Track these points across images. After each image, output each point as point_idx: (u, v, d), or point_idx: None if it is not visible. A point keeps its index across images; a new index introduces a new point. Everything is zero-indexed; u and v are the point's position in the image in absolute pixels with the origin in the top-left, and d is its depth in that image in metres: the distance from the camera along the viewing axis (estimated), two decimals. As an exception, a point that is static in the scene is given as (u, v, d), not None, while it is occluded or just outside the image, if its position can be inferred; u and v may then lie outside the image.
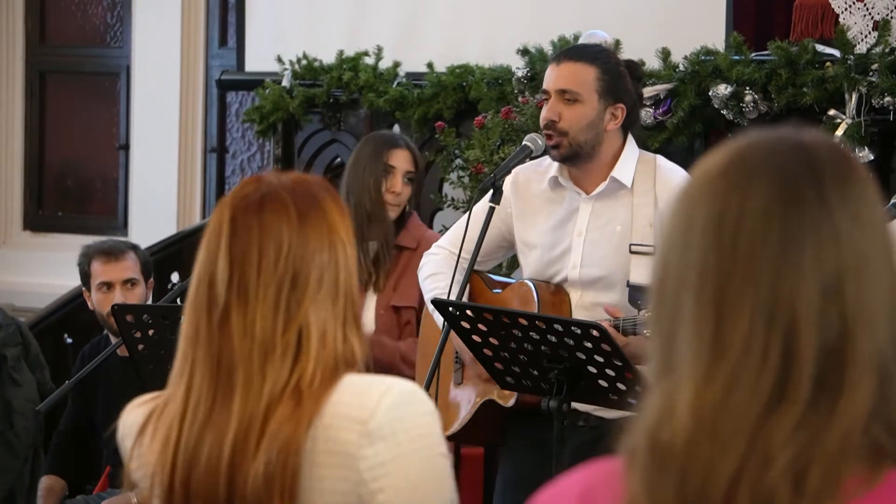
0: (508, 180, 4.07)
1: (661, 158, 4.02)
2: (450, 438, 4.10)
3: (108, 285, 5.07)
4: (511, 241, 4.11)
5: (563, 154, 3.93)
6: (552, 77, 3.96)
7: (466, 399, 4.08)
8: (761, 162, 1.36)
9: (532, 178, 4.06)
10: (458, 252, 4.07)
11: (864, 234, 1.34)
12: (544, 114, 3.96)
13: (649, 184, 3.93)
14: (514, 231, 4.07)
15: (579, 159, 3.94)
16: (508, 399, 3.95)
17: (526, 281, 4.03)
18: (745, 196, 1.35)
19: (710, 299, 1.34)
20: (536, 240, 4.03)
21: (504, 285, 4.18)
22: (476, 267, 4.08)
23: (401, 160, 4.70)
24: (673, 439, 1.32)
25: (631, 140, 4.00)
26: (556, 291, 3.97)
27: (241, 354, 2.08)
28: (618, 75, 3.95)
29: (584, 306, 3.92)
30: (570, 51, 4.08)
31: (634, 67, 4.08)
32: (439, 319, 3.93)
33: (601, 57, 3.99)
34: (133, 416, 2.22)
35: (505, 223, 4.05)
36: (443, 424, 4.16)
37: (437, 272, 4.14)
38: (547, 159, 4.08)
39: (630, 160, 3.96)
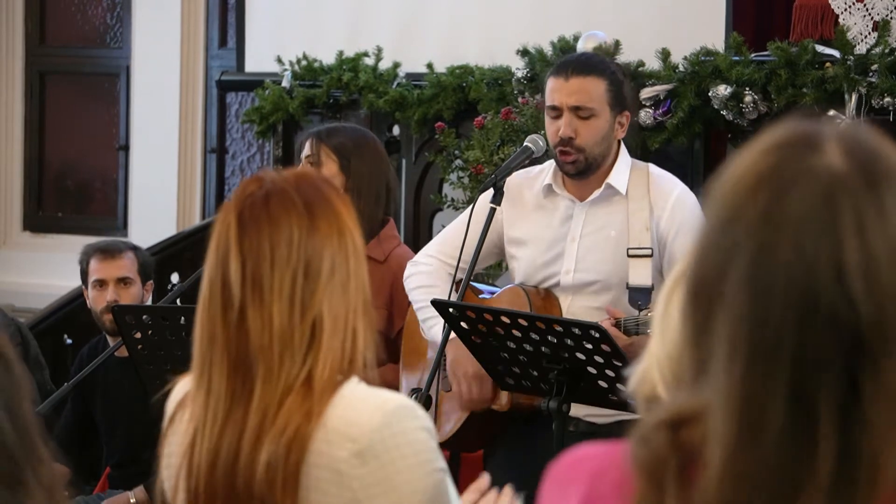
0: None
1: (652, 167, 4.03)
2: (440, 446, 4.09)
3: (102, 283, 5.07)
4: (501, 246, 4.10)
5: (579, 168, 3.94)
6: (563, 92, 3.92)
7: (456, 406, 4.07)
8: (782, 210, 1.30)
9: (524, 184, 4.06)
10: (449, 260, 4.06)
11: (882, 302, 1.27)
12: (560, 131, 3.91)
13: (643, 190, 3.94)
14: (505, 234, 4.07)
15: (590, 171, 3.95)
16: (504, 406, 3.95)
17: (516, 286, 4.03)
18: (771, 254, 1.29)
19: (743, 368, 1.29)
20: (528, 240, 4.03)
21: (491, 293, 4.17)
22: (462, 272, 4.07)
23: (304, 151, 4.50)
24: (695, 493, 1.30)
25: (623, 148, 4.01)
26: (546, 297, 3.98)
27: (260, 348, 2.08)
28: (621, 83, 3.97)
29: (575, 312, 3.91)
30: (577, 64, 4.00)
31: (626, 68, 4.09)
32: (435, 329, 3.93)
33: (606, 67, 3.99)
34: (178, 390, 2.23)
35: (495, 229, 4.04)
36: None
37: (427, 285, 4.08)
38: (538, 167, 4.08)
39: (624, 168, 3.98)
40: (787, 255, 1.29)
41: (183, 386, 2.22)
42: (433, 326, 3.98)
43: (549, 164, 4.06)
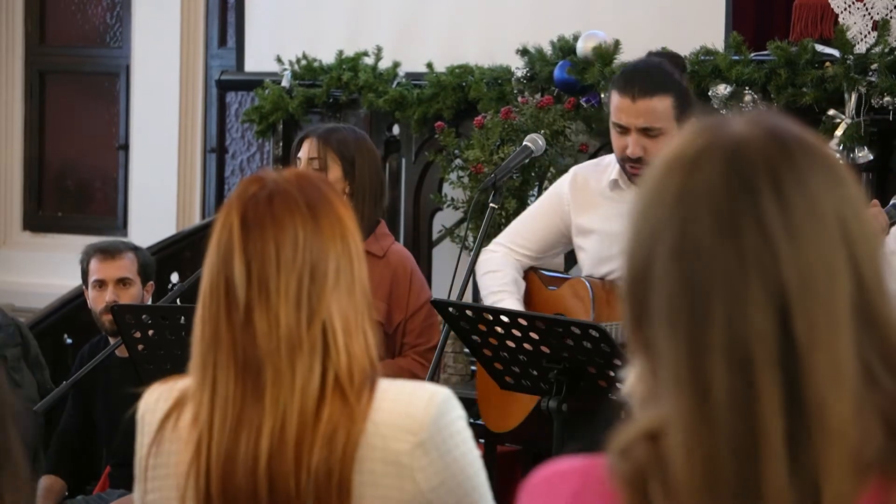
0: (567, 178, 4.14)
1: None
2: (504, 436, 4.21)
3: (102, 283, 5.07)
4: (568, 236, 4.17)
5: None
6: (630, 114, 3.92)
7: (520, 398, 4.09)
8: (702, 186, 1.32)
9: (591, 175, 4.11)
10: (517, 248, 4.17)
11: (804, 250, 1.30)
12: (628, 149, 3.94)
13: None
14: (572, 223, 4.12)
15: None
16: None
17: (582, 278, 4.07)
18: (692, 225, 1.32)
19: (684, 341, 1.31)
20: (594, 231, 4.10)
21: (560, 282, 4.20)
22: (534, 263, 4.20)
23: (304, 151, 4.51)
24: (676, 493, 1.30)
25: None
26: (611, 289, 4.02)
27: (267, 351, 2.07)
28: (685, 92, 3.97)
29: None
30: (643, 84, 3.95)
31: (679, 60, 4.09)
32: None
33: (671, 82, 3.97)
34: (155, 398, 2.21)
35: (563, 219, 4.13)
36: (500, 423, 4.25)
37: (496, 270, 4.19)
38: (608, 158, 4.13)
39: None
40: (707, 221, 1.31)
41: (161, 393, 2.20)
42: (499, 302, 4.06)
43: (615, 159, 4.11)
